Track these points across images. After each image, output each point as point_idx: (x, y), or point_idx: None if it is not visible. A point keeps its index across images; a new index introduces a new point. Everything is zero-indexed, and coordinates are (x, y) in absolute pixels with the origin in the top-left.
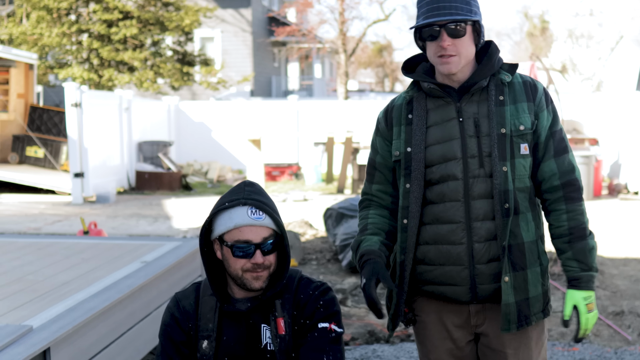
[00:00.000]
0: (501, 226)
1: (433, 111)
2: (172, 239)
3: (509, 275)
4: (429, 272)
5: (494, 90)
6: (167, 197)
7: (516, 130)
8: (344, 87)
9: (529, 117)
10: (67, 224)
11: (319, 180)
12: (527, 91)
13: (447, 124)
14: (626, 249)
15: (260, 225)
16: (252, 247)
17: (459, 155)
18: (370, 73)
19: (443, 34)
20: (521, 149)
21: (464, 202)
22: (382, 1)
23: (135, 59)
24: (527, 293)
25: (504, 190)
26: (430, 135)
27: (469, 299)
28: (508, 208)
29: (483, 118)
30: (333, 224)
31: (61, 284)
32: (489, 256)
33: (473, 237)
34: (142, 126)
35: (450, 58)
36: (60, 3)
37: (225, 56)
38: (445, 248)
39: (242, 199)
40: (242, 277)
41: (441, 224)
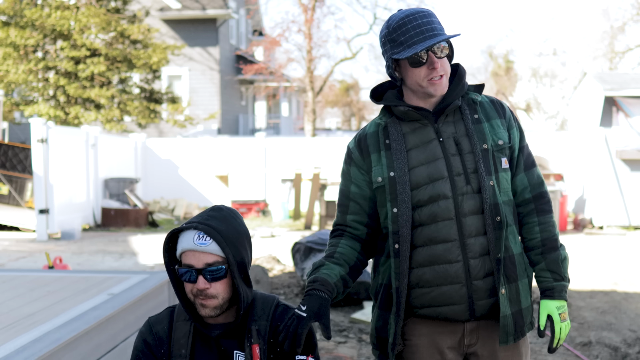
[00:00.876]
0: (494, 239)
1: (410, 134)
2: (140, 272)
3: (504, 287)
4: (426, 295)
5: (468, 110)
6: (133, 234)
7: (496, 145)
8: (311, 125)
9: (505, 132)
10: (31, 260)
11: (287, 217)
12: (497, 108)
13: (428, 145)
14: (592, 282)
15: (202, 251)
16: (193, 273)
17: (445, 174)
18: (337, 112)
19: (431, 56)
20: (502, 163)
21: (455, 220)
22: (349, 40)
23: (102, 97)
24: (520, 304)
25: (494, 204)
26: (412, 158)
27: (467, 317)
28: (500, 221)
29: (462, 137)
30: (301, 258)
31: (26, 316)
32: (485, 271)
33: (468, 253)
34: (108, 163)
35: (440, 79)
36: (27, 40)
37: (193, 94)
38: (442, 268)
39: (195, 223)
40: (194, 302)
41: (435, 244)
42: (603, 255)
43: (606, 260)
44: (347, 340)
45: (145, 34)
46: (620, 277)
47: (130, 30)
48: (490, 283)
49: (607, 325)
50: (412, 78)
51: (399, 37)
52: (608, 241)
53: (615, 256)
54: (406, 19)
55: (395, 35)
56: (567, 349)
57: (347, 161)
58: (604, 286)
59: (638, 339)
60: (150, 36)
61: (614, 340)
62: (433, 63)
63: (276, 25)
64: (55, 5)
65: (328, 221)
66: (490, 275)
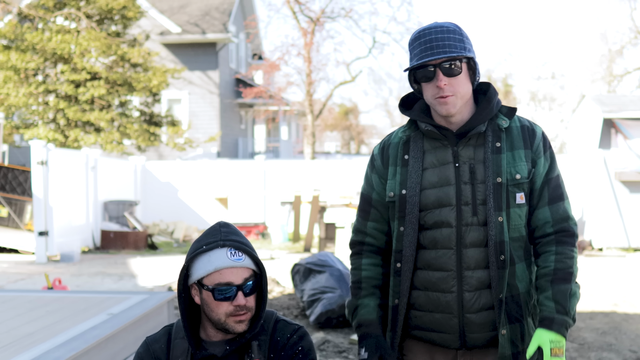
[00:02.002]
0: (497, 278)
1: (429, 152)
2: (139, 293)
3: (505, 327)
4: (419, 318)
5: (491, 136)
6: (132, 256)
7: (512, 179)
8: (310, 148)
9: (525, 165)
10: (30, 282)
11: (286, 239)
12: (525, 137)
13: (443, 167)
14: (592, 303)
15: (240, 266)
16: (233, 289)
17: (453, 202)
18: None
19: (439, 73)
20: (517, 198)
21: (455, 251)
22: (348, 63)
23: (101, 120)
24: (523, 344)
25: (500, 242)
26: (425, 178)
27: (458, 346)
28: (504, 260)
29: (479, 164)
30: (300, 279)
31: (25, 335)
32: (479, 306)
33: (464, 285)
34: (108, 185)
35: (447, 98)
36: (28, 64)
37: (193, 118)
38: (434, 295)
39: (220, 241)
40: (225, 322)
41: (432, 271)
42: (603, 277)
43: (606, 282)
44: None
45: (146, 58)
46: (620, 299)
47: (131, 53)
48: (487, 318)
49: (607, 346)
50: (424, 93)
51: (413, 49)
52: (608, 263)
53: (615, 277)
54: (422, 32)
55: (411, 47)
56: None
57: (370, 167)
58: (604, 307)
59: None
60: (150, 60)
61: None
62: (438, 80)
63: (276, 49)
64: (56, 29)
65: (327, 243)
66: (488, 309)
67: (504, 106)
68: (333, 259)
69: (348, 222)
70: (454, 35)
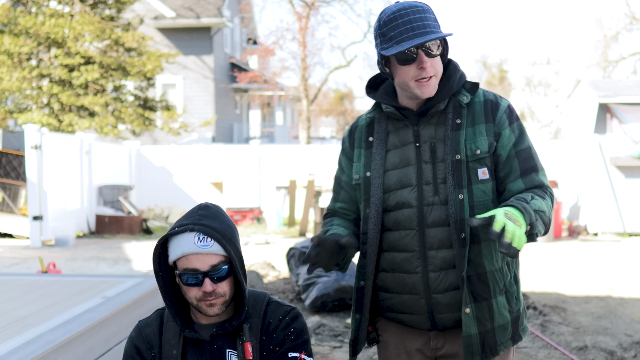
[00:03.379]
0: (459, 256)
1: (393, 133)
2: (134, 276)
3: (469, 306)
4: (388, 300)
5: (452, 113)
6: (127, 241)
7: (472, 155)
8: (305, 133)
9: (486, 139)
10: (24, 266)
11: (281, 224)
12: (487, 111)
13: (405, 148)
14: (587, 288)
15: (206, 252)
16: (199, 276)
17: (414, 182)
18: (332, 121)
19: (421, 55)
20: (479, 174)
21: (418, 231)
22: (343, 48)
23: (96, 104)
24: (493, 322)
25: (460, 219)
26: (388, 159)
27: (429, 327)
28: (464, 237)
29: (439, 142)
30: (296, 263)
31: (19, 319)
32: (446, 286)
33: (428, 266)
34: (102, 170)
35: (430, 80)
36: (21, 48)
37: (187, 102)
38: (400, 277)
39: (190, 224)
40: (198, 306)
41: (397, 252)
42: (598, 262)
43: (601, 267)
44: (342, 345)
45: (140, 42)
46: (616, 283)
47: (125, 38)
48: (453, 297)
49: (602, 330)
50: (400, 77)
51: (389, 32)
52: (603, 248)
53: (610, 262)
54: (397, 13)
55: (385, 29)
56: (563, 354)
57: (341, 150)
58: (599, 292)
59: (634, 343)
60: (144, 44)
61: (609, 344)
62: (422, 62)
63: (270, 34)
64: (50, 13)
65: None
66: (455, 289)
67: (467, 82)
68: None
69: None
70: (430, 15)
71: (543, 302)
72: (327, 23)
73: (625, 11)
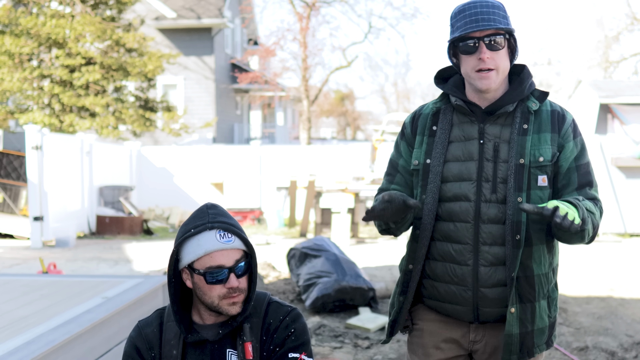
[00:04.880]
0: (511, 256)
1: (457, 126)
2: (134, 277)
3: (515, 306)
4: (434, 288)
5: (519, 117)
6: (128, 242)
7: (535, 161)
8: (306, 134)
9: (550, 148)
10: (25, 267)
11: (282, 224)
12: (554, 121)
13: (468, 143)
14: (588, 288)
15: (231, 248)
16: (225, 272)
17: (474, 177)
18: (332, 122)
19: (482, 46)
20: (539, 180)
21: (473, 225)
22: (344, 48)
23: (97, 105)
24: (533, 325)
25: (517, 221)
26: (450, 151)
27: (471, 319)
28: (519, 239)
29: (503, 143)
30: (296, 264)
31: (20, 319)
32: (494, 281)
33: (480, 260)
34: (103, 170)
35: (489, 72)
36: (22, 48)
37: (188, 103)
38: (451, 267)
39: (208, 223)
40: (219, 305)
41: (450, 243)
42: (599, 262)
43: (602, 267)
44: (342, 345)
45: (141, 43)
46: (617, 283)
47: (126, 38)
48: (500, 294)
49: (603, 331)
50: (463, 67)
51: (457, 22)
52: (604, 248)
53: (611, 263)
54: (467, 6)
55: (454, 20)
56: (564, 354)
57: (400, 135)
58: (600, 292)
59: (635, 344)
60: (145, 45)
61: (610, 345)
62: (482, 52)
63: (271, 34)
64: (51, 14)
65: (323, 229)
66: (501, 286)
67: (536, 89)
68: (329, 244)
69: (344, 207)
70: (499, 11)
71: None
72: (328, 23)
73: (626, 12)
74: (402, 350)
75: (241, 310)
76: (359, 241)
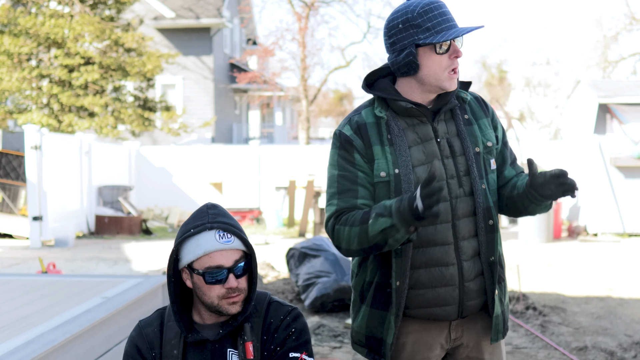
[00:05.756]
0: (485, 242)
1: (408, 130)
2: (134, 276)
3: (497, 288)
4: (420, 296)
5: (459, 110)
6: (127, 241)
7: (485, 147)
8: (305, 133)
9: (492, 132)
10: (24, 267)
11: (281, 224)
12: (482, 107)
13: (427, 144)
14: (587, 288)
15: (230, 248)
16: (224, 272)
17: (444, 176)
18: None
19: (455, 46)
20: (491, 164)
21: (451, 223)
22: (343, 48)
23: (95, 105)
24: (505, 301)
25: (487, 207)
26: (412, 156)
27: (456, 316)
28: (493, 224)
29: (454, 138)
30: (295, 263)
31: (20, 318)
32: (475, 273)
33: (462, 256)
34: (102, 170)
35: (457, 73)
36: (21, 48)
37: (187, 103)
38: (437, 270)
39: (207, 224)
40: (218, 305)
41: (433, 247)
42: (598, 262)
43: (601, 267)
44: (342, 345)
45: (140, 42)
46: (615, 283)
47: (124, 38)
48: (479, 284)
49: (602, 330)
50: (431, 67)
51: (425, 22)
52: (602, 248)
53: (610, 263)
54: (431, 6)
55: (420, 20)
56: (563, 354)
57: (345, 147)
58: (599, 292)
59: (634, 344)
60: (144, 44)
61: (609, 344)
62: (456, 52)
63: (270, 34)
64: (49, 14)
65: (322, 228)
66: (479, 276)
67: (459, 81)
68: (328, 244)
69: None
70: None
71: (543, 302)
72: (326, 23)
73: (625, 11)
74: None
75: (242, 310)
76: None
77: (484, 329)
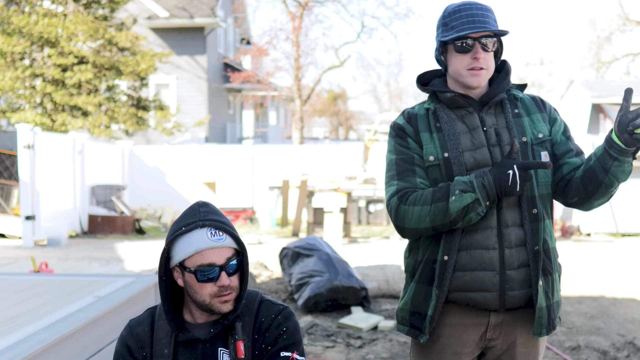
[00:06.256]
0: (530, 231)
1: (457, 120)
2: (126, 276)
3: (542, 279)
4: (459, 278)
5: (509, 104)
6: (120, 241)
7: (535, 138)
8: (299, 133)
9: (545, 126)
10: (17, 266)
11: (274, 224)
12: (537, 104)
13: (474, 132)
14: (580, 288)
15: (222, 246)
16: (216, 270)
17: (490, 163)
18: (325, 121)
19: (477, 46)
20: (542, 156)
21: (496, 209)
22: (337, 48)
23: (89, 104)
24: (553, 298)
25: (531, 196)
26: (461, 142)
27: (497, 306)
28: (537, 213)
29: (502, 129)
30: (289, 263)
31: (11, 318)
32: (519, 262)
33: (504, 242)
34: (95, 169)
35: (480, 71)
36: (15, 47)
37: (181, 102)
38: (478, 253)
39: (199, 221)
40: (210, 304)
41: (475, 230)
42: (591, 262)
43: (594, 267)
44: (335, 344)
45: (133, 42)
46: (609, 283)
47: (118, 37)
48: (523, 275)
49: (595, 330)
50: (454, 65)
51: (452, 22)
52: (596, 248)
53: (603, 263)
54: (462, 7)
55: (448, 19)
56: (556, 353)
57: (400, 135)
58: (592, 292)
59: (627, 343)
60: (138, 44)
61: (602, 344)
62: (477, 53)
63: (264, 34)
64: (43, 13)
65: (316, 228)
66: (524, 267)
67: (514, 83)
68: (321, 243)
69: (336, 206)
70: (491, 15)
71: None
72: (320, 23)
73: (619, 12)
74: (394, 350)
75: (233, 309)
76: (351, 241)
77: (526, 324)
